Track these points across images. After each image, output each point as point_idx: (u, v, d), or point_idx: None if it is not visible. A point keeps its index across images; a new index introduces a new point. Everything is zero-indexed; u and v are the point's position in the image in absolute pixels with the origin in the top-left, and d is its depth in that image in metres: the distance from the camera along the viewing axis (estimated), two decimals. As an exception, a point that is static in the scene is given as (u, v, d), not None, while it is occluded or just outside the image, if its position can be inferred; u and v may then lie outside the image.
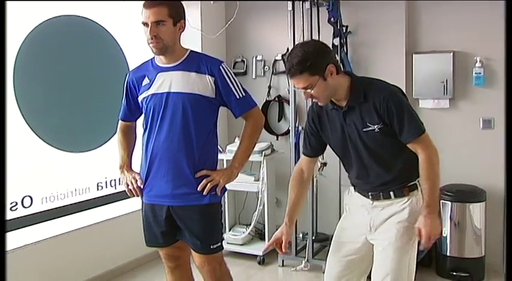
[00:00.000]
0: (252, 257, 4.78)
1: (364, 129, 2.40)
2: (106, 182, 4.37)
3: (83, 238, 4.18)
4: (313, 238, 4.56)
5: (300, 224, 4.55)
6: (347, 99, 2.41)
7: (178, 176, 2.68)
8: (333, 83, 2.36)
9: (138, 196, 2.81)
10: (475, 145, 4.36)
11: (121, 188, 4.36)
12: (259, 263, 4.72)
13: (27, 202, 3.70)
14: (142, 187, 2.78)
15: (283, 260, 4.64)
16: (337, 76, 2.37)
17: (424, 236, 2.32)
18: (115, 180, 4.41)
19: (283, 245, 2.59)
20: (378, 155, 2.43)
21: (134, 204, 4.39)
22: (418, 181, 2.44)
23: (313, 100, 2.46)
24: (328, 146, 2.64)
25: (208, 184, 2.67)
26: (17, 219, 3.62)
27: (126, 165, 2.87)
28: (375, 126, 2.37)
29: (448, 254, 4.17)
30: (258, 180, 4.75)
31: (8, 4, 3.05)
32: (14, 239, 3.60)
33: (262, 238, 4.95)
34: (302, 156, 2.70)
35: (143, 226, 2.86)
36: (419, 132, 2.36)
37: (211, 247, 2.75)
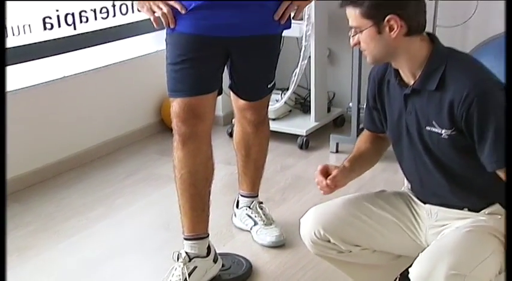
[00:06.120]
0: (291, 138, 3.48)
1: (427, 128, 1.74)
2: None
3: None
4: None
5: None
6: (415, 77, 1.74)
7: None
8: (393, 44, 1.71)
9: (170, 25, 2.13)
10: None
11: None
12: (300, 147, 3.49)
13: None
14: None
15: (337, 144, 3.41)
16: (404, 38, 1.70)
17: None
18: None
19: (328, 179, 1.85)
20: (444, 165, 1.76)
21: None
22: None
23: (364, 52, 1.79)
24: None
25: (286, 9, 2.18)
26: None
27: None
28: (442, 131, 1.71)
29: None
30: (301, 20, 3.37)
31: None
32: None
33: (306, 111, 3.67)
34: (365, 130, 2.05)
35: (170, 66, 2.16)
36: None
37: (269, 86, 2.38)
